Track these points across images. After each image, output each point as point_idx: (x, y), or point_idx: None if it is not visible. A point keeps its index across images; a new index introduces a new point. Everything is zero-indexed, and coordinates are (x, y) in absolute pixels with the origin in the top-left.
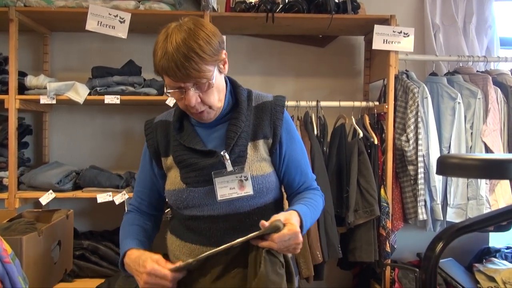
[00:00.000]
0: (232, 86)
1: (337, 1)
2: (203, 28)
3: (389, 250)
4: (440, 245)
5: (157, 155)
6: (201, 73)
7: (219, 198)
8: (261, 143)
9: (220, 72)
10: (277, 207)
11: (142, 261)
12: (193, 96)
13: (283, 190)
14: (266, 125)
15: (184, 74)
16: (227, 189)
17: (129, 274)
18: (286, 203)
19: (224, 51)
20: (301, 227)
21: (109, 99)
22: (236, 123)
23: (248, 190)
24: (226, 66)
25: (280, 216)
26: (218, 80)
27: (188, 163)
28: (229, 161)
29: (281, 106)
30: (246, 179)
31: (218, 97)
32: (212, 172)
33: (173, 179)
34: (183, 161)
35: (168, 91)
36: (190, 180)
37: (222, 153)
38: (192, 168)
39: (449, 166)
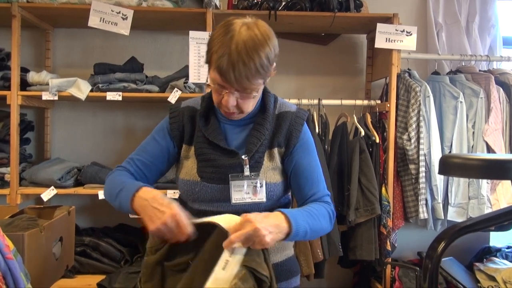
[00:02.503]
0: (262, 91)
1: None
2: (268, 39)
3: (390, 249)
4: (442, 244)
5: (180, 140)
6: (251, 85)
7: (233, 201)
8: (276, 151)
9: (264, 83)
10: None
11: (167, 202)
12: (232, 99)
13: (290, 196)
14: (282, 134)
15: (237, 81)
16: (242, 193)
17: (133, 212)
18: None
19: (274, 64)
20: (290, 227)
21: (111, 95)
22: (261, 130)
23: (262, 196)
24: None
25: (244, 215)
26: (260, 91)
27: (208, 157)
28: (248, 166)
29: (301, 118)
30: (261, 186)
31: (252, 104)
32: (230, 175)
33: (189, 170)
34: (203, 154)
35: (209, 83)
36: (206, 174)
37: (243, 157)
38: (211, 163)
39: (451, 166)
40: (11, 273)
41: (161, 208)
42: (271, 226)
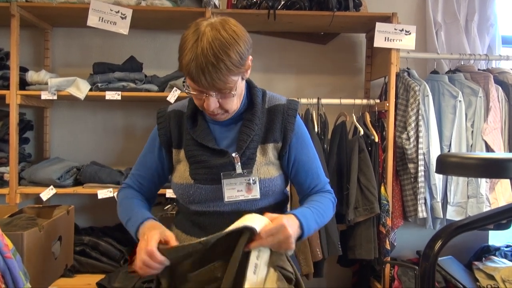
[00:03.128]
0: (248, 87)
1: None
2: (234, 35)
3: (389, 248)
4: (439, 243)
5: (168, 145)
6: (226, 84)
7: (226, 199)
8: (270, 146)
9: (243, 78)
10: (281, 207)
11: (145, 235)
12: (213, 102)
13: (288, 191)
14: (277, 128)
15: (210, 84)
16: (235, 191)
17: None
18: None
19: (250, 57)
20: (302, 229)
21: (110, 95)
22: (250, 126)
23: (255, 193)
24: (249, 71)
25: (268, 215)
26: (239, 87)
27: (199, 159)
28: (239, 163)
29: (293, 110)
30: (254, 183)
31: (236, 102)
32: (221, 173)
33: (182, 173)
34: (193, 156)
35: (187, 90)
36: (198, 176)
37: (233, 155)
38: (202, 165)
39: (448, 165)
40: (10, 272)
41: (140, 245)
42: (296, 232)
